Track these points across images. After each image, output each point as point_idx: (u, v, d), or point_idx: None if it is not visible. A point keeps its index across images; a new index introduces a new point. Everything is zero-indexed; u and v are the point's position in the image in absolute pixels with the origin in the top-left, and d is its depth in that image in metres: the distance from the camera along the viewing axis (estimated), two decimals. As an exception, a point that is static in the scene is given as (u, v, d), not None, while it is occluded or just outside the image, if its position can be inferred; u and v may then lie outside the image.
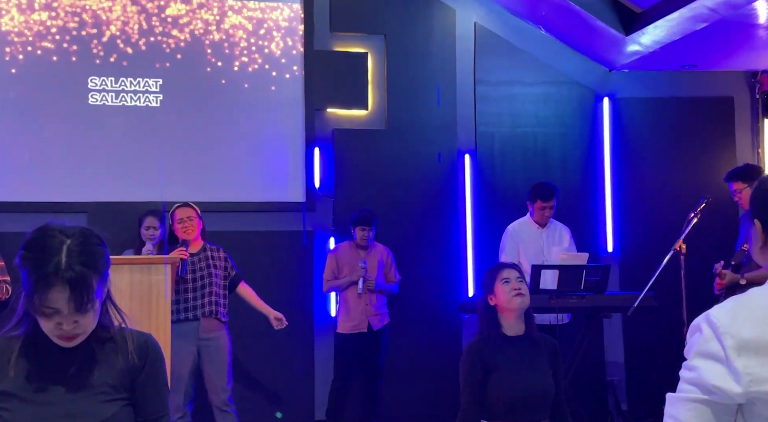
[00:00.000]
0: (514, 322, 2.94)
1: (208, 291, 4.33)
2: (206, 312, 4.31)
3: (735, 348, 1.24)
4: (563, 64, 5.84)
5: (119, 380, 1.63)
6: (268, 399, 5.32)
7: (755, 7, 4.47)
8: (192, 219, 4.38)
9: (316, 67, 5.55)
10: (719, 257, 4.26)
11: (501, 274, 2.96)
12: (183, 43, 5.42)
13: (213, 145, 5.43)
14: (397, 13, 5.67)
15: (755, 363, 1.23)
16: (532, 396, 2.85)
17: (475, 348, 2.92)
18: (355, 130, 5.61)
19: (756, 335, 1.24)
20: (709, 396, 1.25)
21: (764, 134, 5.93)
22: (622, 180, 5.85)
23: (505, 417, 2.84)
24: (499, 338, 2.92)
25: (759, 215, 1.38)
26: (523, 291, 2.92)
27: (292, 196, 5.50)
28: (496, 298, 2.94)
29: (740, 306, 1.29)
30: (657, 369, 5.40)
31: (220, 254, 4.46)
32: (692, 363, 1.29)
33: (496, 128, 5.74)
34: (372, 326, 4.95)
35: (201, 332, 4.30)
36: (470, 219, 5.68)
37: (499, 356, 2.88)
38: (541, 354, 2.93)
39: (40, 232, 1.56)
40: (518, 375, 2.85)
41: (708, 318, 1.29)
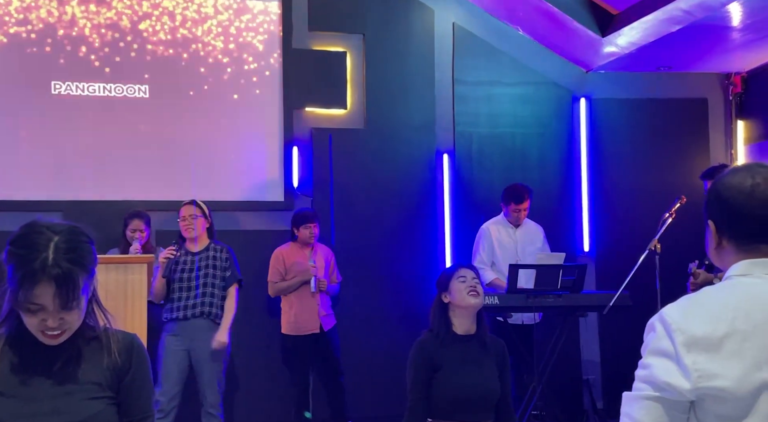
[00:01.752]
0: (465, 321, 2.97)
1: (202, 291, 4.28)
2: (198, 312, 4.27)
3: (685, 344, 1.26)
4: (541, 64, 5.88)
5: (104, 379, 1.63)
6: (247, 399, 5.29)
7: (729, 10, 4.54)
8: (195, 216, 4.36)
9: (294, 66, 5.53)
10: (693, 256, 4.32)
11: (458, 273, 3.00)
12: (161, 42, 5.37)
13: (191, 144, 5.39)
14: (376, 12, 5.67)
15: (704, 359, 1.24)
16: (476, 396, 2.87)
17: (424, 344, 2.94)
18: (334, 129, 5.60)
19: (706, 332, 1.26)
20: (661, 393, 1.27)
21: (737, 135, 6.02)
22: (598, 180, 5.91)
23: (450, 415, 2.86)
24: (448, 336, 2.94)
25: (713, 216, 1.41)
26: (479, 291, 2.96)
27: (271, 195, 5.48)
28: (450, 296, 2.97)
29: (693, 304, 1.31)
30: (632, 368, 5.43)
31: (222, 254, 4.41)
32: (645, 361, 1.32)
33: (475, 128, 5.76)
34: (323, 326, 4.90)
35: (193, 332, 4.26)
36: (448, 218, 5.70)
37: (447, 354, 2.90)
38: (489, 355, 2.96)
39: (28, 228, 1.56)
40: (464, 375, 2.88)
41: (661, 316, 1.32)
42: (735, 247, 1.37)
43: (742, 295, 1.30)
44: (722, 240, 1.39)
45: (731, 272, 1.36)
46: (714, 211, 1.40)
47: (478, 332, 2.98)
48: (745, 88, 5.94)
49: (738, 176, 1.37)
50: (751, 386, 1.23)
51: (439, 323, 2.97)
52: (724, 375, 1.23)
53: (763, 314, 1.27)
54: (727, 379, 1.23)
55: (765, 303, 1.28)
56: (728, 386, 1.23)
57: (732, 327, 1.26)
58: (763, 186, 1.34)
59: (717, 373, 1.23)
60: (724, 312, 1.27)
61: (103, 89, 5.27)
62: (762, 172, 1.35)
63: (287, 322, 4.93)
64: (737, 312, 1.27)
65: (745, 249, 1.35)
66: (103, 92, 5.27)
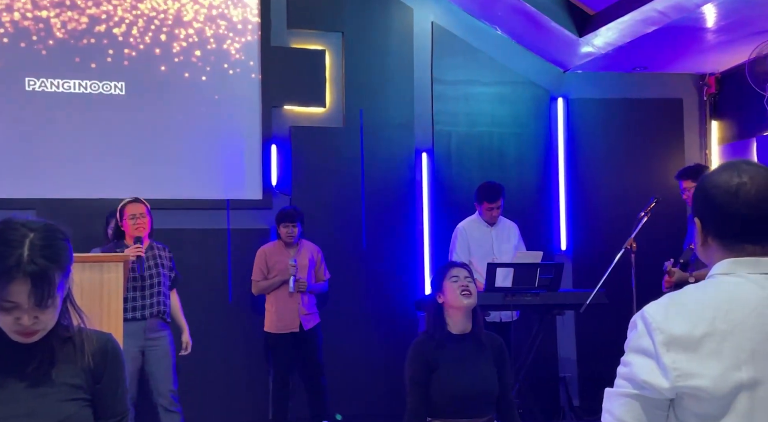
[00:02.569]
0: (460, 320, 2.98)
1: (156, 290, 4.27)
2: (154, 312, 4.25)
3: (664, 343, 1.26)
4: (519, 64, 5.92)
5: (79, 380, 1.61)
6: (220, 398, 5.27)
7: (703, 11, 4.60)
8: (144, 215, 4.30)
9: (273, 63, 5.51)
10: (669, 255, 4.37)
11: (450, 273, 3.00)
12: (138, 38, 5.32)
13: (169, 142, 5.35)
14: (355, 10, 5.67)
15: (683, 358, 1.25)
16: (476, 394, 2.88)
17: (420, 346, 2.95)
18: (313, 127, 5.59)
19: (686, 331, 1.26)
20: (640, 390, 1.28)
21: (712, 135, 6.10)
22: (575, 179, 5.96)
23: (450, 414, 2.87)
24: (444, 336, 2.95)
25: (699, 213, 1.41)
26: (471, 290, 2.97)
27: (249, 193, 5.45)
28: (444, 296, 2.98)
29: (674, 303, 1.31)
30: (608, 365, 5.49)
31: (165, 253, 4.41)
32: (627, 359, 1.32)
33: (453, 127, 5.78)
34: (303, 326, 4.90)
35: (147, 332, 4.24)
36: (427, 217, 5.72)
37: (444, 354, 2.91)
38: (486, 352, 2.97)
39: (3, 225, 1.53)
40: (462, 373, 2.89)
41: (643, 315, 1.32)
42: (720, 245, 1.37)
43: (724, 295, 1.30)
44: (708, 237, 1.39)
45: (715, 270, 1.36)
46: (700, 208, 1.40)
47: (473, 330, 2.99)
48: (719, 88, 6.02)
49: (725, 174, 1.36)
50: (729, 386, 1.24)
51: (434, 324, 2.98)
52: (702, 374, 1.24)
53: (742, 314, 1.27)
54: (705, 378, 1.24)
55: (745, 303, 1.28)
56: (706, 385, 1.24)
57: (712, 326, 1.26)
58: (749, 185, 1.33)
59: (695, 372, 1.24)
60: (705, 312, 1.28)
61: (78, 86, 5.21)
62: (748, 171, 1.35)
63: (269, 320, 4.96)
64: (717, 311, 1.27)
65: (730, 247, 1.36)
66: (79, 89, 5.21)
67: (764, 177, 1.35)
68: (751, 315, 1.27)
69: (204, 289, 5.13)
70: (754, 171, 1.35)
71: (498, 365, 2.98)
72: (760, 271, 1.33)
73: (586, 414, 5.57)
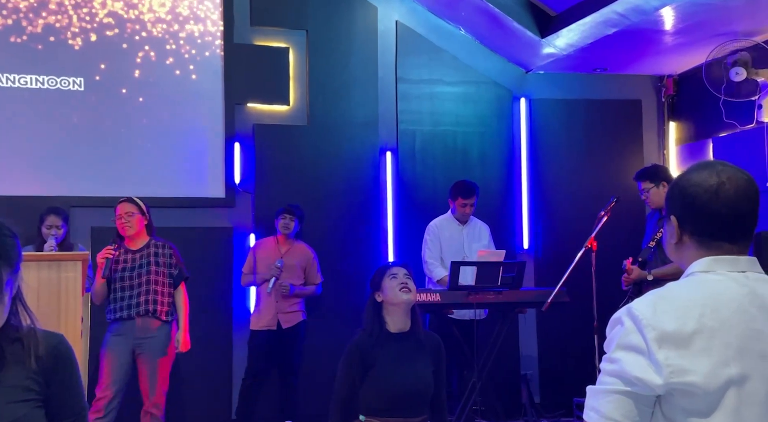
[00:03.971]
0: (399, 319, 2.98)
1: (145, 289, 4.17)
2: (142, 310, 4.16)
3: (656, 340, 1.27)
4: (482, 64, 5.96)
5: (30, 381, 1.57)
6: (185, 397, 5.21)
7: (661, 14, 4.68)
8: (132, 214, 4.23)
9: (236, 61, 5.46)
10: (628, 254, 4.45)
11: (389, 271, 3.02)
12: (98, 34, 5.23)
13: (128, 139, 5.27)
14: (319, 9, 5.65)
15: (675, 354, 1.27)
16: (410, 393, 2.89)
17: (356, 344, 2.95)
18: (276, 125, 5.55)
19: (676, 327, 1.28)
20: (631, 387, 1.28)
21: (669, 136, 6.22)
22: (537, 178, 6.03)
23: (384, 412, 2.88)
24: (382, 334, 2.96)
25: (675, 212, 1.42)
26: (410, 287, 2.98)
27: (212, 191, 5.40)
28: (383, 294, 2.99)
29: (661, 300, 1.33)
30: (569, 363, 5.60)
31: (165, 251, 4.30)
32: (614, 356, 1.32)
33: (417, 126, 5.80)
34: (281, 324, 4.89)
35: (138, 331, 4.15)
36: (391, 216, 5.72)
37: (381, 352, 2.92)
38: (424, 352, 2.98)
39: None
40: (398, 372, 2.89)
41: (630, 312, 1.33)
42: (696, 244, 1.39)
43: (708, 292, 1.32)
44: (684, 235, 1.41)
45: (694, 268, 1.38)
46: (677, 207, 1.41)
47: (412, 329, 3.00)
48: (677, 90, 6.15)
49: (703, 174, 1.39)
50: (719, 382, 1.26)
51: (372, 322, 2.98)
52: (694, 370, 1.26)
53: (729, 311, 1.30)
54: (696, 375, 1.26)
55: (730, 301, 1.31)
56: (698, 381, 1.25)
57: (700, 323, 1.28)
58: (727, 185, 1.36)
59: (688, 369, 1.26)
60: (692, 309, 1.30)
61: (35, 81, 5.09)
62: (727, 171, 1.38)
63: (252, 317, 5.03)
64: (704, 308, 1.29)
65: (707, 246, 1.38)
66: (35, 84, 5.09)
67: (741, 178, 1.38)
68: (736, 313, 1.30)
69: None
70: (732, 172, 1.38)
71: (435, 364, 2.99)
72: (738, 269, 1.36)
73: (546, 411, 5.64)
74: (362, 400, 2.92)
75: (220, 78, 5.43)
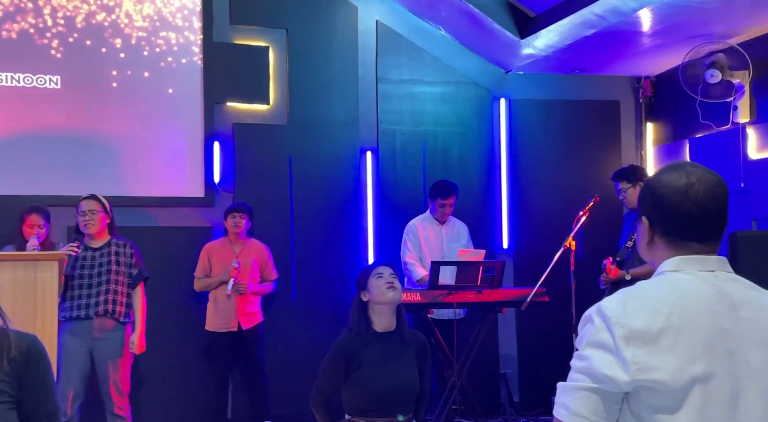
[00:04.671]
0: (385, 318, 2.99)
1: (104, 289, 4.13)
2: (101, 310, 4.12)
3: (624, 337, 1.29)
4: (462, 64, 5.98)
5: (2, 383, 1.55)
6: (164, 399, 5.17)
7: (639, 16, 4.73)
8: (95, 212, 4.18)
9: (215, 59, 5.43)
10: (606, 253, 4.49)
11: (375, 270, 3.03)
12: (76, 31, 5.17)
13: (106, 137, 5.22)
14: (300, 8, 5.63)
15: (642, 352, 1.29)
16: (396, 392, 2.90)
17: (343, 343, 2.96)
18: (256, 124, 5.53)
19: (644, 325, 1.30)
20: (599, 384, 1.30)
21: (647, 137, 6.29)
22: (517, 178, 6.06)
23: (370, 412, 2.89)
24: (368, 334, 2.96)
25: (646, 212, 1.44)
26: (396, 286, 2.99)
27: (191, 191, 5.36)
28: (369, 294, 2.99)
29: (630, 298, 1.35)
30: (548, 362, 5.63)
31: (125, 250, 4.26)
32: (584, 353, 1.34)
33: (397, 126, 5.81)
34: (241, 325, 4.85)
35: (95, 332, 4.11)
36: (371, 216, 5.72)
37: (367, 351, 2.92)
38: (409, 351, 2.99)
39: None
40: (385, 371, 2.90)
41: (600, 310, 1.35)
42: (667, 244, 1.41)
43: (677, 291, 1.34)
44: (655, 236, 1.43)
45: (664, 267, 1.40)
46: (648, 207, 1.44)
47: (397, 328, 3.01)
48: (654, 91, 6.21)
49: (673, 175, 1.41)
50: (685, 379, 1.28)
51: (358, 321, 2.99)
52: (660, 368, 1.28)
53: (697, 310, 1.32)
54: (663, 372, 1.27)
55: (698, 300, 1.33)
56: (664, 379, 1.27)
57: (668, 321, 1.30)
58: (697, 186, 1.38)
59: (654, 366, 1.28)
60: (661, 307, 1.32)
61: (11, 79, 5.03)
62: (696, 172, 1.40)
63: (209, 319, 4.92)
64: (673, 307, 1.32)
65: (677, 246, 1.40)
66: (11, 82, 5.03)
67: (710, 178, 1.40)
68: (704, 312, 1.32)
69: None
70: (701, 172, 1.40)
71: (420, 363, 3.01)
72: (707, 269, 1.38)
73: (525, 410, 5.67)
74: (347, 400, 2.93)
75: (200, 77, 5.40)
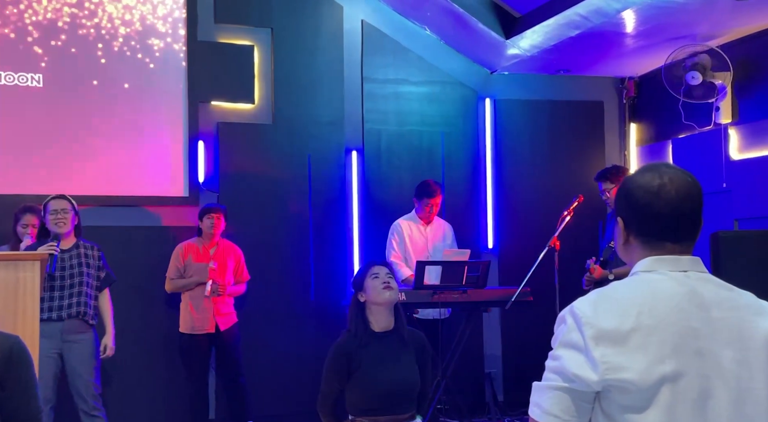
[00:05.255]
0: (382, 318, 3.00)
1: (77, 291, 4.11)
2: (73, 313, 4.09)
3: (593, 338, 1.31)
4: (447, 64, 5.99)
5: None
6: (137, 401, 5.14)
7: (623, 17, 4.76)
8: (66, 211, 4.15)
9: (199, 58, 5.40)
10: (590, 253, 4.52)
11: (371, 271, 3.03)
12: (58, 29, 5.12)
13: (88, 136, 5.17)
14: (285, 7, 5.61)
15: (612, 352, 1.30)
16: (398, 391, 2.91)
17: (343, 345, 2.96)
18: (241, 124, 5.51)
19: (614, 325, 1.32)
20: (570, 384, 1.32)
21: (630, 137, 6.33)
22: (502, 178, 6.08)
23: (372, 411, 2.89)
24: (366, 334, 2.97)
25: (622, 213, 1.46)
26: (392, 286, 2.99)
27: (175, 190, 5.33)
28: (365, 294, 3.00)
29: (602, 299, 1.37)
30: (532, 361, 5.64)
31: (93, 252, 4.25)
32: (556, 353, 1.36)
33: (383, 125, 5.80)
34: (218, 326, 4.83)
35: (65, 333, 4.09)
36: (356, 215, 5.72)
37: (366, 352, 2.93)
38: (408, 349, 3.00)
39: None
40: (385, 371, 2.91)
41: (572, 310, 1.37)
42: (641, 244, 1.43)
43: (647, 291, 1.36)
44: (630, 236, 1.44)
45: (637, 268, 1.42)
46: (623, 208, 1.45)
47: (396, 327, 3.01)
48: (638, 92, 6.25)
49: (647, 176, 1.43)
50: (653, 378, 1.29)
51: (356, 322, 2.99)
52: (629, 367, 1.29)
53: (666, 310, 1.33)
54: (632, 372, 1.29)
55: (668, 300, 1.34)
56: (633, 378, 1.29)
57: (638, 321, 1.32)
58: (668, 186, 1.40)
59: (623, 366, 1.29)
60: (631, 307, 1.33)
61: (-8, 77, 4.98)
62: (669, 173, 1.41)
63: (184, 321, 4.85)
64: (642, 307, 1.33)
65: (651, 246, 1.41)
66: (-7, 80, 4.98)
67: (683, 179, 1.41)
68: (674, 311, 1.33)
69: (125, 288, 4.97)
70: (674, 173, 1.42)
71: (420, 362, 3.02)
72: (679, 269, 1.39)
73: (510, 409, 5.69)
74: (350, 400, 2.93)
75: (184, 75, 5.37)
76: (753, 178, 5.07)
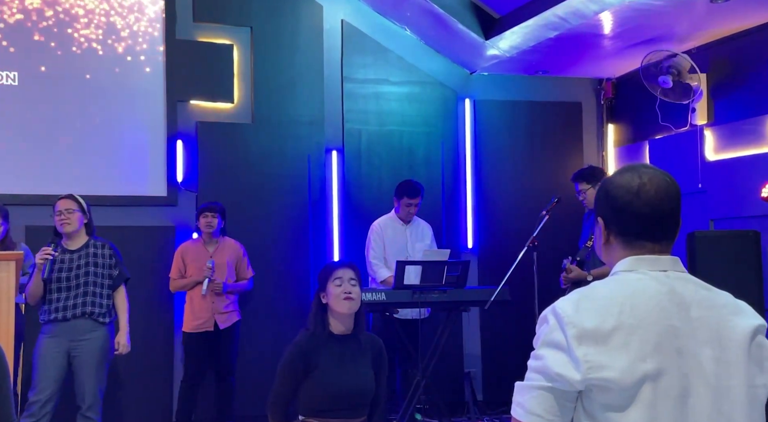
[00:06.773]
0: (343, 322, 2.97)
1: (83, 290, 4.06)
2: (79, 313, 4.04)
3: (576, 337, 1.32)
4: (427, 65, 6.00)
5: None
6: (124, 399, 5.10)
7: (600, 19, 4.80)
8: (71, 211, 4.10)
9: (178, 57, 5.36)
10: (568, 253, 4.55)
11: (335, 274, 2.96)
12: (34, 27, 5.06)
13: (65, 135, 5.12)
14: (264, 6, 5.59)
15: (594, 351, 1.31)
16: (351, 394, 2.89)
17: (299, 344, 2.93)
18: (220, 123, 5.48)
19: (596, 325, 1.33)
20: (553, 383, 1.33)
21: (608, 138, 6.39)
22: (481, 178, 6.10)
23: (323, 413, 2.87)
24: (324, 335, 2.94)
25: (602, 213, 1.48)
26: (353, 295, 2.93)
27: (153, 190, 5.29)
28: (327, 298, 2.95)
29: (584, 298, 1.38)
30: (512, 361, 5.68)
31: (104, 251, 4.17)
32: (539, 352, 1.37)
33: (363, 125, 5.80)
34: (218, 325, 4.83)
35: (73, 333, 4.03)
36: (336, 215, 5.71)
37: (323, 353, 2.90)
38: (365, 354, 2.98)
39: None
40: (340, 373, 2.89)
41: (554, 310, 1.38)
42: (622, 244, 1.44)
43: (628, 290, 1.37)
44: (610, 236, 1.46)
45: (618, 268, 1.43)
46: (603, 208, 1.47)
47: (354, 331, 3.00)
48: (615, 93, 6.31)
49: (626, 176, 1.44)
50: (635, 377, 1.31)
51: (316, 322, 2.96)
52: (611, 366, 1.30)
53: (647, 309, 1.35)
54: (613, 370, 1.30)
55: (649, 299, 1.36)
56: (615, 377, 1.30)
57: (619, 320, 1.33)
58: (648, 186, 1.42)
59: (605, 365, 1.30)
60: (612, 307, 1.34)
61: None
62: (648, 173, 1.43)
63: (185, 319, 4.90)
64: (623, 306, 1.34)
65: (631, 245, 1.43)
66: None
67: (662, 179, 1.43)
68: (655, 310, 1.35)
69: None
70: (653, 173, 1.44)
71: (376, 366, 3.00)
72: (659, 268, 1.41)
73: (489, 409, 5.72)
74: (302, 401, 2.91)
75: (162, 74, 5.33)
76: (728, 179, 5.14)
